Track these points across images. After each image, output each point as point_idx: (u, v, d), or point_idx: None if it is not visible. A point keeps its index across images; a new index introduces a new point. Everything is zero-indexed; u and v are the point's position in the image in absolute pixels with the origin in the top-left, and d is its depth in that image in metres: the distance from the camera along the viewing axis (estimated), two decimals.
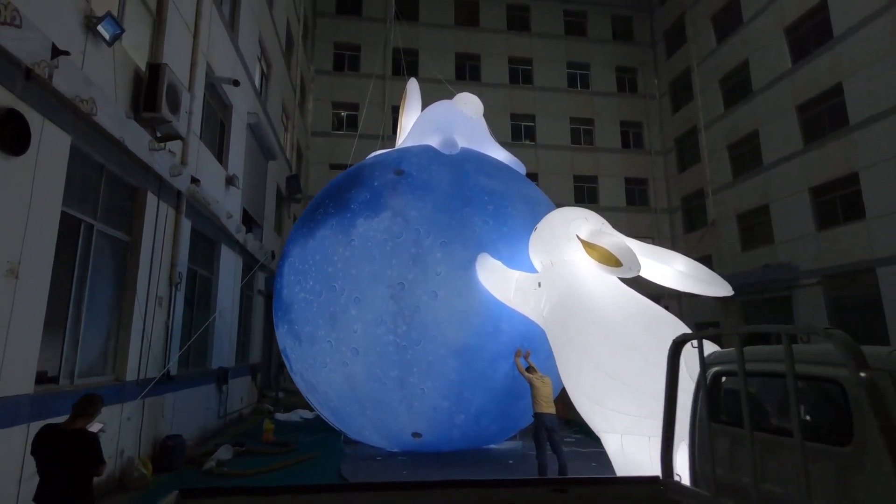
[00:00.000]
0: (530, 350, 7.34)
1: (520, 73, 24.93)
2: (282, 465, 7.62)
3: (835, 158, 15.76)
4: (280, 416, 12.12)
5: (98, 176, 6.33)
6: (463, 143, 9.24)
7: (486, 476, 6.40)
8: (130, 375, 6.85)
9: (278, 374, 16.03)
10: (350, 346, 7.34)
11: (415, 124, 9.81)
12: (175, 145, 8.05)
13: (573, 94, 24.99)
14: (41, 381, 5.32)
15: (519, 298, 6.80)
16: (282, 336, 8.53)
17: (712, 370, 3.18)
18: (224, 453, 7.91)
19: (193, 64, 8.74)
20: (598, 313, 5.53)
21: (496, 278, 7.06)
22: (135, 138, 6.54)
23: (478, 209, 7.72)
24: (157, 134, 7.30)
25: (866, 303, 14.50)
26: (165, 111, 6.90)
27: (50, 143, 5.09)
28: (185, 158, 8.39)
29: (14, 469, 4.66)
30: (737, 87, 20.38)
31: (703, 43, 22.33)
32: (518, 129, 24.22)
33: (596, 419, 5.31)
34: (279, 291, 8.59)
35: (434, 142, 9.12)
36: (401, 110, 10.57)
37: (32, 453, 3.50)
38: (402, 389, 7.27)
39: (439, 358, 7.15)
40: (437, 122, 9.44)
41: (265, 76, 15.03)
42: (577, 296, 5.95)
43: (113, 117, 5.98)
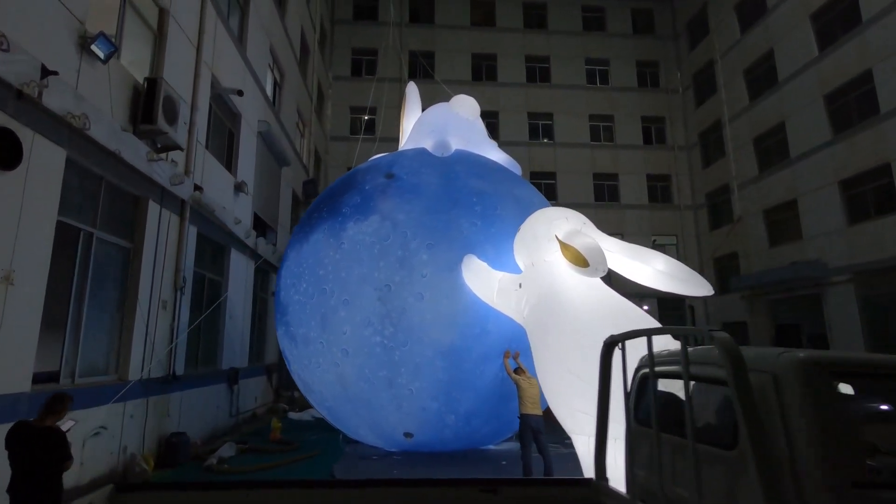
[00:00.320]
0: (519, 351, 7.31)
1: (537, 72, 24.71)
2: (279, 463, 7.85)
3: (865, 149, 15.00)
4: (293, 415, 12.46)
5: (97, 186, 6.69)
6: (459, 144, 9.28)
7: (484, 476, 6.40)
8: (133, 375, 7.20)
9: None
10: (340, 347, 7.50)
11: (413, 128, 9.93)
12: (179, 155, 8.41)
13: (592, 90, 24.59)
14: (41, 380, 5.68)
15: (501, 299, 6.80)
16: (281, 337, 8.79)
17: (640, 373, 3.13)
18: (226, 450, 8.19)
19: (197, 76, 9.11)
20: (571, 314, 5.49)
21: (481, 280, 7.07)
22: (132, 150, 6.87)
23: (465, 211, 7.75)
24: (157, 145, 7.66)
25: None
26: (162, 122, 7.22)
27: (42, 157, 5.43)
28: (189, 167, 8.75)
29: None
30: (762, 77, 19.64)
31: (726, 33, 21.60)
32: (536, 128, 23.99)
33: (567, 420, 5.27)
34: (278, 294, 8.85)
35: (429, 144, 9.21)
36: (401, 114, 10.72)
37: (6, 447, 3.77)
38: (391, 389, 7.37)
39: (426, 359, 7.22)
40: (434, 125, 9.53)
41: (278, 85, 15.45)
42: (556, 296, 5.92)
43: (108, 131, 6.30)
